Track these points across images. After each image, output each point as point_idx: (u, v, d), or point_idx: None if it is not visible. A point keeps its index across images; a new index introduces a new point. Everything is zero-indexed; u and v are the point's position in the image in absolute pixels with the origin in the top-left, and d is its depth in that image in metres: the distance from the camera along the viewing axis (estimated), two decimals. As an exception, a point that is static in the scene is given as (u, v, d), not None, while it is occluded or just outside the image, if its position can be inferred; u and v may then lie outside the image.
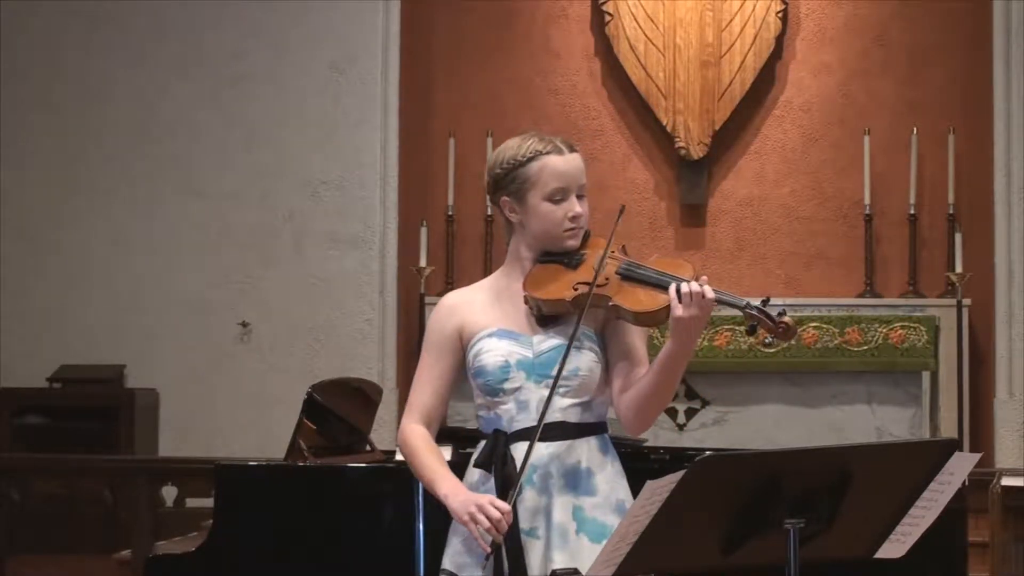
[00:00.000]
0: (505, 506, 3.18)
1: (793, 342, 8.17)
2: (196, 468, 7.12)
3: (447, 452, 4.39)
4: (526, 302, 3.36)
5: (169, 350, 8.64)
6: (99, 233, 8.74)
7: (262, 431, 8.16)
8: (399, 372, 8.52)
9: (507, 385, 3.31)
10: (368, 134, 8.67)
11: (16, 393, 8.55)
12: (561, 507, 3.29)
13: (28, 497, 7.93)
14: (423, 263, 8.59)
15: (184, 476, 7.47)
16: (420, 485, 4.18)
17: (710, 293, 3.18)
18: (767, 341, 3.31)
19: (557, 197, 3.34)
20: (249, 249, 8.66)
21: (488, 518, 3.15)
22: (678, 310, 3.18)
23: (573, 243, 3.37)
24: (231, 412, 8.55)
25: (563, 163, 3.36)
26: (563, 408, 3.31)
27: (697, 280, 3.20)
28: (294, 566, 4.35)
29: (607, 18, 8.92)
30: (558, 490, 3.29)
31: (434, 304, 3.53)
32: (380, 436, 5.43)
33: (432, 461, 3.33)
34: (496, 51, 9.11)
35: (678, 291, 3.18)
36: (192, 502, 7.57)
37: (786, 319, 3.21)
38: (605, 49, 9.02)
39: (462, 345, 3.39)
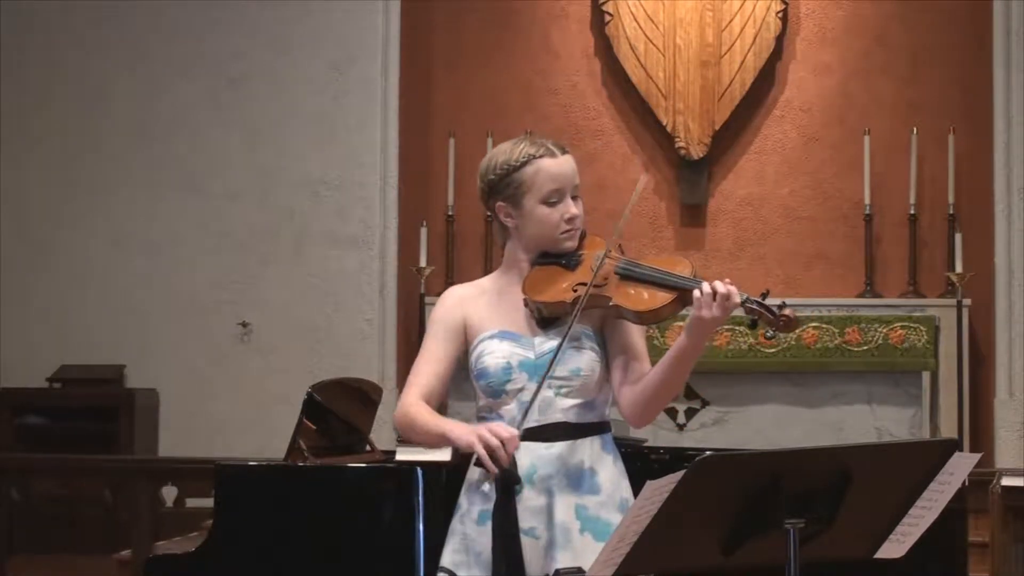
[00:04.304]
0: (510, 431, 3.20)
1: (793, 340, 8.18)
2: (196, 468, 7.10)
3: (446, 453, 4.39)
4: (526, 305, 3.37)
5: (169, 350, 8.64)
6: (99, 233, 8.73)
7: (262, 431, 8.15)
8: (399, 372, 8.51)
9: (509, 387, 3.33)
10: (368, 134, 8.67)
11: (16, 393, 8.56)
12: (563, 507, 3.30)
13: (28, 497, 7.93)
14: (423, 263, 8.59)
15: (184, 476, 7.46)
16: (420, 485, 4.20)
17: (736, 297, 3.22)
18: (768, 335, 3.32)
19: (553, 199, 3.36)
20: (249, 249, 8.66)
21: (496, 437, 3.17)
22: (704, 310, 3.21)
23: (571, 244, 3.40)
24: (231, 412, 8.55)
25: (556, 165, 3.38)
26: (565, 409, 3.33)
27: (713, 281, 3.22)
28: (294, 566, 4.34)
29: (607, 18, 8.92)
30: (560, 490, 3.31)
31: (434, 304, 3.53)
32: (380, 436, 5.42)
33: (436, 418, 3.34)
34: (496, 51, 9.10)
35: (702, 292, 3.21)
36: (192, 502, 7.57)
37: (787, 312, 3.25)
38: (605, 49, 9.02)
39: (466, 338, 3.41)
